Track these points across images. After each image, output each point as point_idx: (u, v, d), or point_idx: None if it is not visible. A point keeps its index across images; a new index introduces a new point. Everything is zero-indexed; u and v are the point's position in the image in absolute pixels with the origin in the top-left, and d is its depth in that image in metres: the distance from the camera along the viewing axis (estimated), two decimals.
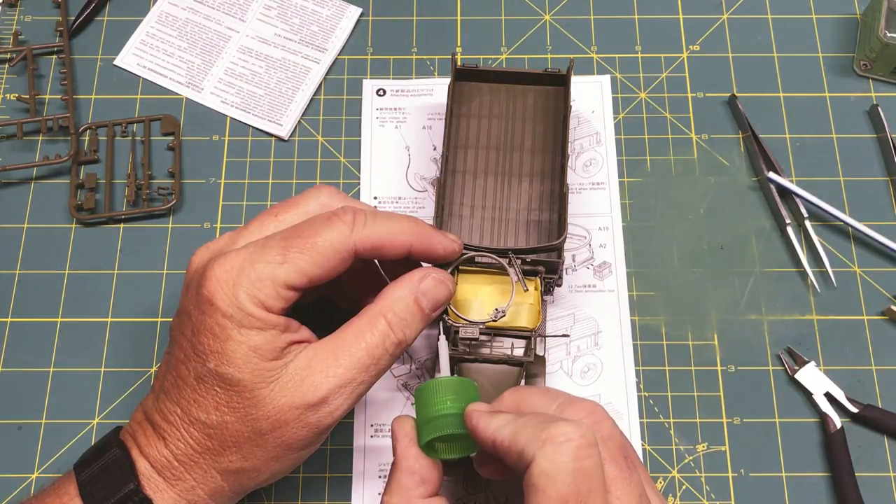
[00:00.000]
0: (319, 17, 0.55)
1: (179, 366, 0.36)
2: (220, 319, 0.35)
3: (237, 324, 0.35)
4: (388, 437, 0.44)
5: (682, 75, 0.53)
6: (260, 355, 0.35)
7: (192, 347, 0.36)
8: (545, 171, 0.47)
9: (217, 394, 0.35)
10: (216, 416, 0.36)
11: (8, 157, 0.51)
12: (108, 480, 0.36)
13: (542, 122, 0.48)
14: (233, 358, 0.35)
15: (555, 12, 0.55)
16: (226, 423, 0.36)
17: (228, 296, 0.35)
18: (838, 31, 0.55)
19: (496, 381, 0.41)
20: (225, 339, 0.35)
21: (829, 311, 0.48)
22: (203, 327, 0.35)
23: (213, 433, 0.36)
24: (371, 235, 0.37)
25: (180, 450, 0.36)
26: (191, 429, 0.36)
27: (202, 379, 0.36)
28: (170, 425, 0.36)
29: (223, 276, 0.35)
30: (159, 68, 0.54)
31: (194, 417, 0.36)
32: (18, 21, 0.55)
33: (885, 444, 0.45)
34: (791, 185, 0.50)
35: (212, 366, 0.35)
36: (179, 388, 0.36)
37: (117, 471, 0.36)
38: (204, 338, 0.35)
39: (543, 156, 0.47)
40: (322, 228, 0.36)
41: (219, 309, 0.35)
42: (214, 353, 0.35)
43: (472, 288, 0.41)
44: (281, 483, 0.44)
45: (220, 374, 0.35)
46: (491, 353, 0.41)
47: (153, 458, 0.36)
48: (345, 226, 0.36)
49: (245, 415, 0.35)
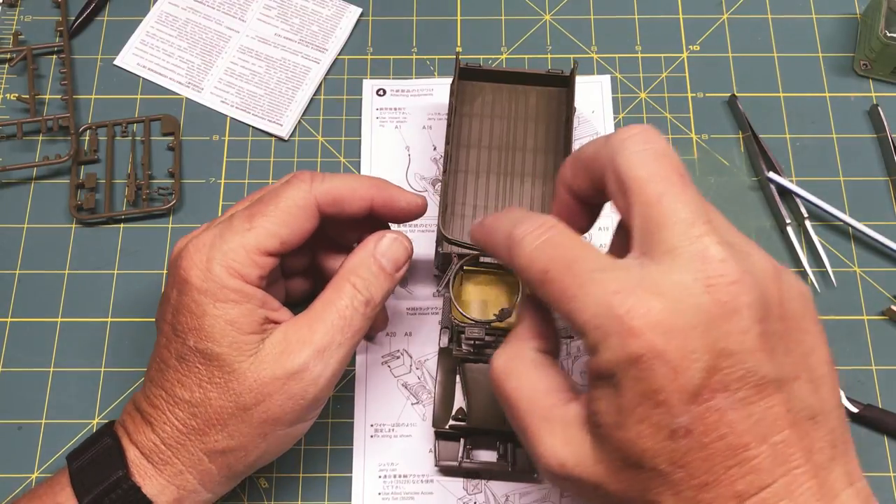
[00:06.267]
0: (319, 17, 0.55)
1: (162, 350, 0.37)
2: (196, 296, 0.36)
3: (213, 298, 0.36)
4: (388, 436, 0.45)
5: (682, 75, 0.53)
6: (237, 328, 0.36)
7: (173, 329, 0.37)
8: (548, 172, 0.47)
9: (199, 371, 0.36)
10: (199, 393, 0.36)
11: (8, 157, 0.51)
12: (97, 469, 0.36)
13: (544, 123, 0.48)
14: (210, 333, 0.36)
15: (555, 12, 0.55)
16: (209, 400, 0.36)
17: (202, 270, 0.36)
18: (838, 31, 0.55)
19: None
20: (202, 315, 0.36)
21: (829, 311, 0.48)
22: (181, 307, 0.36)
23: (196, 411, 0.36)
24: (331, 189, 0.38)
25: (167, 433, 0.36)
26: (175, 409, 0.36)
27: (183, 358, 0.36)
28: (155, 409, 0.37)
29: (196, 253, 0.36)
30: (159, 68, 0.54)
31: (178, 397, 0.36)
32: (18, 21, 0.55)
33: (885, 444, 0.45)
34: (791, 185, 0.50)
35: (191, 343, 0.36)
36: (163, 371, 0.37)
37: (106, 459, 0.36)
38: (182, 317, 0.36)
39: (546, 157, 0.47)
40: (282, 190, 0.38)
41: (194, 286, 0.36)
42: (193, 330, 0.36)
43: (476, 288, 0.41)
44: (281, 482, 0.44)
45: (199, 350, 0.36)
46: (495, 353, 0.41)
47: (141, 444, 0.37)
48: (303, 183, 0.38)
49: (227, 389, 0.36)
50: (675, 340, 0.27)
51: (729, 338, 0.28)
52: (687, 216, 0.29)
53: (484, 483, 0.43)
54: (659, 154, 0.31)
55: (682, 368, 0.27)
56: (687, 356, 0.27)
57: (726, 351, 0.28)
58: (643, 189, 0.30)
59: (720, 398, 0.27)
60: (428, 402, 0.45)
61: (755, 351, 0.28)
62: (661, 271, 0.29)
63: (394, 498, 0.43)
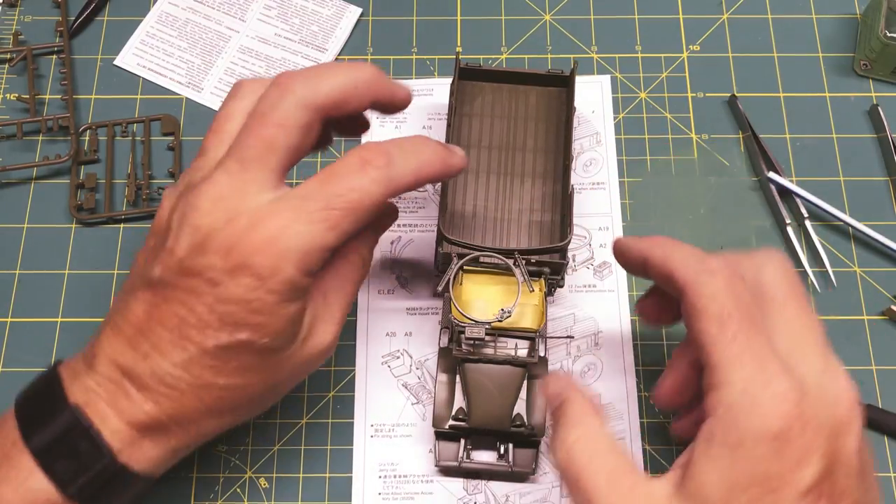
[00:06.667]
0: (319, 17, 0.55)
1: (190, 331, 0.33)
2: (262, 294, 0.32)
3: (280, 298, 0.33)
4: (388, 436, 0.45)
5: (682, 75, 0.53)
6: (294, 323, 0.34)
7: (217, 316, 0.33)
8: (548, 172, 0.47)
9: (243, 360, 0.33)
10: (240, 380, 0.34)
11: (8, 157, 0.51)
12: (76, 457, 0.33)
13: (544, 123, 0.48)
14: (270, 330, 0.33)
15: (555, 12, 0.55)
16: (247, 386, 0.34)
17: (272, 267, 0.32)
18: (838, 31, 0.55)
19: (499, 382, 0.41)
20: (266, 313, 0.33)
21: (829, 311, 0.48)
22: (235, 298, 0.32)
23: (227, 395, 0.34)
24: (407, 175, 0.35)
25: (176, 410, 0.34)
26: (200, 392, 0.34)
27: (229, 348, 0.33)
28: (172, 390, 0.33)
29: (263, 244, 0.32)
30: (159, 68, 0.54)
31: (209, 382, 0.33)
32: (18, 21, 0.55)
33: (886, 444, 0.45)
34: (791, 185, 0.50)
35: (244, 337, 0.33)
36: (191, 355, 0.33)
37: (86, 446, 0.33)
38: (235, 307, 0.32)
39: (546, 157, 0.47)
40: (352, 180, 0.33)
41: (264, 283, 0.32)
42: (249, 325, 0.33)
43: (476, 288, 0.41)
44: (281, 482, 0.44)
45: (252, 344, 0.33)
46: (495, 353, 0.41)
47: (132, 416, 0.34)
48: (378, 172, 0.34)
49: (268, 377, 0.35)
50: (808, 433, 0.29)
51: (845, 449, 0.29)
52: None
53: (484, 483, 0.43)
54: (742, 297, 0.33)
55: (804, 461, 0.28)
56: (814, 449, 0.29)
57: (842, 461, 0.29)
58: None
59: (824, 502, 0.29)
60: (428, 402, 0.45)
61: (856, 473, 0.30)
62: (799, 372, 0.31)
63: (394, 498, 0.43)
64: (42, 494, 0.33)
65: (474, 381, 0.41)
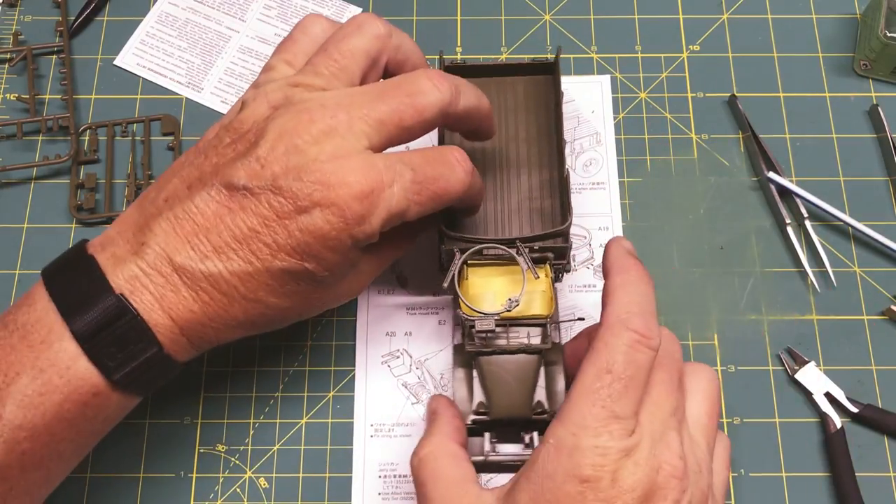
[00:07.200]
0: None
1: (260, 247, 0.34)
2: (343, 236, 0.34)
3: (354, 243, 0.35)
4: (388, 436, 0.45)
5: (682, 75, 0.53)
6: (352, 266, 0.37)
7: (294, 241, 0.33)
8: (542, 159, 0.47)
9: (297, 286, 0.35)
10: (286, 302, 0.35)
11: (8, 157, 0.51)
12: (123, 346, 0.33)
13: (534, 112, 0.48)
14: (332, 267, 0.35)
15: (555, 12, 0.55)
16: (288, 308, 0.36)
17: (361, 216, 0.34)
18: (838, 31, 0.55)
19: (516, 372, 0.41)
20: (338, 252, 0.34)
21: (829, 311, 0.48)
22: (317, 231, 0.33)
23: (269, 313, 0.35)
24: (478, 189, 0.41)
25: (219, 316, 0.35)
26: (248, 305, 0.35)
27: (291, 273, 0.34)
28: (223, 296, 0.34)
29: (361, 193, 0.34)
30: (159, 68, 0.54)
31: (259, 298, 0.35)
32: (18, 21, 0.55)
33: (886, 444, 0.45)
34: (791, 185, 0.50)
35: (310, 267, 0.34)
36: (254, 269, 0.34)
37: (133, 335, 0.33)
38: (313, 239, 0.34)
39: (539, 144, 0.47)
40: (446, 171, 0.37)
41: (349, 227, 0.34)
42: (317, 258, 0.34)
43: (482, 281, 0.41)
44: (281, 482, 0.44)
45: (312, 274, 0.35)
46: (508, 343, 0.41)
47: (179, 315, 0.34)
48: (466, 175, 0.38)
49: (308, 304, 0.37)
50: (616, 489, 0.31)
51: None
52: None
53: (484, 482, 0.43)
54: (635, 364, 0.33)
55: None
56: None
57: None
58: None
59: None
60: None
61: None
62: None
63: (394, 498, 0.44)
64: (87, 381, 0.33)
65: (491, 374, 0.41)
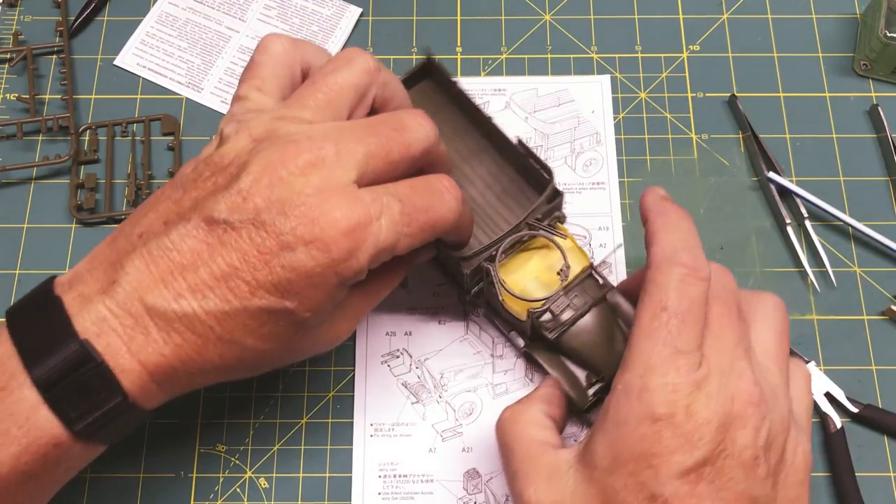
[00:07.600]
0: (319, 17, 0.55)
1: (239, 284, 0.32)
2: (328, 273, 0.32)
3: (340, 281, 0.33)
4: (388, 436, 0.45)
5: (682, 75, 0.53)
6: (336, 306, 0.35)
7: (275, 278, 0.32)
8: (474, 148, 0.45)
9: (276, 328, 0.33)
10: (264, 345, 0.33)
11: (8, 157, 0.51)
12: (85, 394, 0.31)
13: (438, 114, 0.45)
14: (315, 306, 0.33)
15: (555, 12, 0.55)
16: (266, 352, 0.33)
17: (348, 252, 0.32)
18: (838, 31, 0.55)
19: (600, 328, 0.40)
20: (321, 290, 0.32)
21: (829, 311, 0.48)
22: (301, 268, 0.32)
23: (245, 356, 0.33)
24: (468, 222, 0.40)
25: (192, 359, 0.32)
26: (223, 347, 0.32)
27: (271, 312, 0.32)
28: (197, 337, 0.32)
29: (348, 229, 0.32)
30: (159, 68, 0.54)
31: (236, 339, 0.32)
32: (18, 21, 0.55)
33: (886, 444, 0.45)
34: (791, 185, 0.50)
35: (290, 306, 0.32)
36: (232, 309, 0.32)
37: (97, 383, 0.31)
38: (296, 276, 0.32)
39: (464, 139, 0.45)
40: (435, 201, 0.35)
41: (335, 265, 0.32)
42: (299, 296, 0.32)
43: (518, 276, 0.41)
44: (281, 482, 0.44)
45: (293, 314, 0.32)
46: (577, 309, 0.40)
47: (148, 359, 0.32)
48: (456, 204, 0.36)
49: (286, 348, 0.34)
50: (692, 422, 0.31)
51: (735, 442, 0.31)
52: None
53: (484, 483, 0.43)
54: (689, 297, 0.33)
55: (685, 447, 0.30)
56: (696, 439, 0.30)
57: (729, 452, 0.31)
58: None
59: (704, 486, 0.30)
60: (428, 401, 0.45)
61: (745, 466, 0.31)
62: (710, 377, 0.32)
63: (394, 498, 0.44)
64: (47, 432, 0.31)
65: (581, 342, 0.40)
